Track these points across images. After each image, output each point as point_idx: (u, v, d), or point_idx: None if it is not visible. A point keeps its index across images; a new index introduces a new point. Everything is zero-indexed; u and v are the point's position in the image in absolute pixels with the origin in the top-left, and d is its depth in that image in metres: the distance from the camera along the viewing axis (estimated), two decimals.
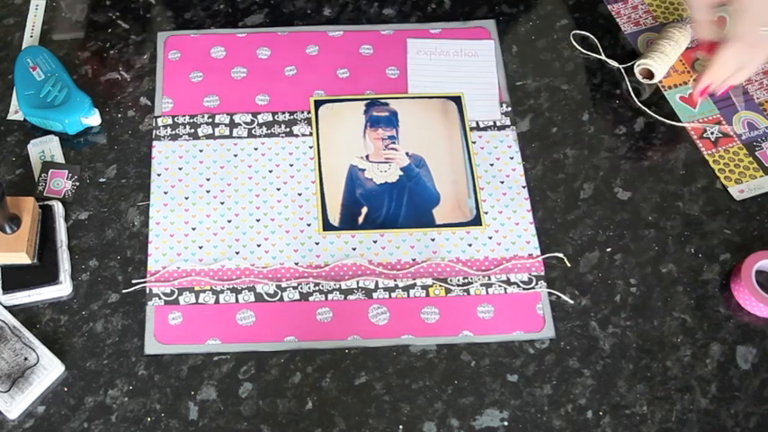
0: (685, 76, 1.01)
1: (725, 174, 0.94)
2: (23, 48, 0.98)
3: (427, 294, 0.86)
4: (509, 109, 0.97)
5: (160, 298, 0.84)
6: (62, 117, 0.90)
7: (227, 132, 0.94)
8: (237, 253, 0.87)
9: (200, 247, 0.87)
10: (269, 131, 0.95)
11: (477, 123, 0.96)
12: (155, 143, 0.93)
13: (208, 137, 0.94)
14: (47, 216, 0.85)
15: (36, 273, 0.83)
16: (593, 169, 0.94)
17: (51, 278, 0.82)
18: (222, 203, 0.90)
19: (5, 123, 0.94)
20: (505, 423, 0.79)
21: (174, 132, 0.94)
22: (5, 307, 0.82)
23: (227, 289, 0.85)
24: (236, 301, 0.84)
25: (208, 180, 0.91)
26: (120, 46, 1.00)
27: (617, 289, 0.87)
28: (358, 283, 0.86)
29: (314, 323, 0.83)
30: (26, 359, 0.79)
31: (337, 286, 0.85)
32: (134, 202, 0.89)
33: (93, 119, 0.92)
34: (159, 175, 0.91)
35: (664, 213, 0.91)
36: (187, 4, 1.03)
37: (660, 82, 1.00)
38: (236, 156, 0.93)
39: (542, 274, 0.87)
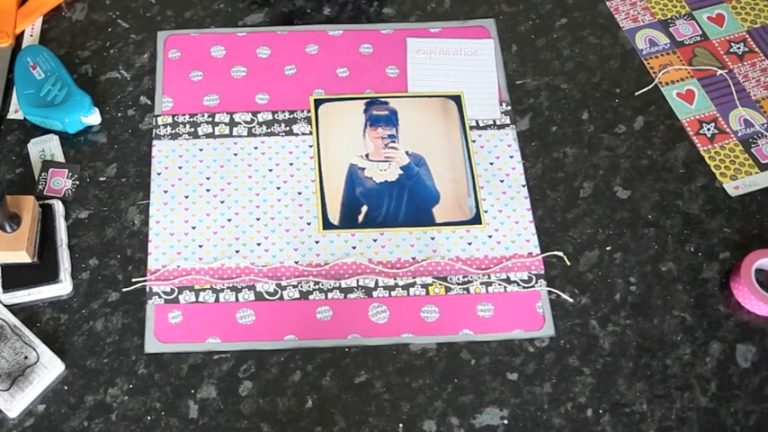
0: (683, 73, 1.01)
1: (720, 170, 0.94)
2: (23, 47, 0.98)
3: (427, 293, 0.86)
4: (509, 108, 0.97)
5: (160, 297, 0.84)
6: (62, 116, 0.90)
7: (226, 131, 0.94)
8: (237, 252, 0.87)
9: (200, 246, 0.87)
10: (269, 130, 0.95)
11: (477, 122, 0.96)
12: (155, 142, 0.93)
13: (208, 136, 0.94)
14: (47, 215, 0.85)
15: (36, 271, 0.83)
16: (593, 168, 0.94)
17: (51, 277, 0.82)
18: (222, 202, 0.90)
19: (5, 123, 0.94)
20: (505, 421, 0.79)
21: (174, 131, 0.94)
22: (6, 306, 0.82)
23: (227, 288, 0.85)
24: (236, 299, 0.84)
25: (208, 179, 0.91)
26: (119, 45, 1.00)
27: (617, 287, 0.87)
28: (358, 281, 0.86)
29: (314, 322, 0.84)
30: (26, 358, 0.79)
31: (337, 285, 0.86)
32: (134, 200, 0.89)
33: (93, 118, 0.92)
34: (159, 174, 0.91)
35: (663, 212, 0.91)
36: (187, 3, 1.03)
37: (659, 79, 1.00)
38: (235, 155, 0.93)
39: (542, 272, 0.87)
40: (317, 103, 0.97)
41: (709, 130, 0.97)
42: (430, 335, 0.83)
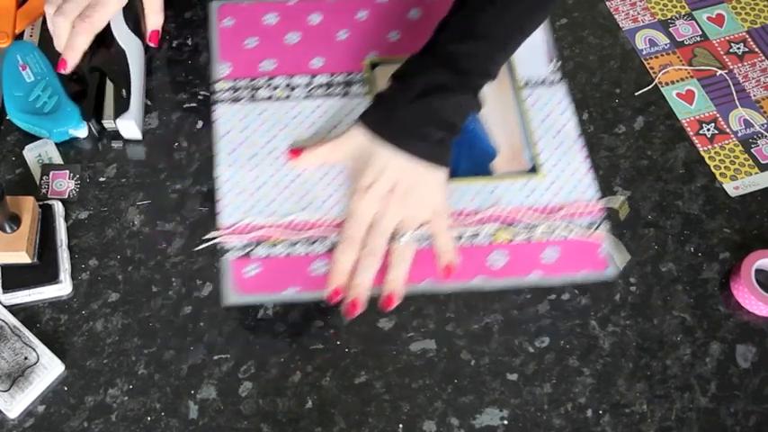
0: (683, 73, 1.01)
1: (720, 170, 0.94)
2: (13, 42, 0.95)
3: (493, 241, 0.88)
4: (559, 63, 1.00)
5: (235, 251, 0.86)
6: (50, 126, 0.89)
7: (285, 94, 0.97)
8: (307, 206, 0.89)
9: (271, 202, 0.88)
10: (327, 93, 0.97)
11: (528, 81, 0.99)
12: (216, 106, 0.95)
13: (267, 99, 0.96)
14: (47, 215, 0.85)
15: (36, 272, 0.83)
16: (593, 168, 0.94)
17: (51, 277, 0.82)
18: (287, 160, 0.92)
19: (5, 123, 0.93)
20: (505, 422, 0.79)
21: (234, 95, 0.96)
22: (5, 306, 0.82)
23: (300, 241, 0.86)
24: (310, 252, 0.86)
25: (272, 140, 0.93)
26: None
27: (617, 288, 0.87)
28: (426, 232, 0.88)
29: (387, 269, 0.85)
30: (26, 358, 0.79)
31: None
32: (134, 201, 0.89)
33: (82, 132, 0.91)
34: (223, 136, 0.93)
35: (663, 212, 0.91)
36: None
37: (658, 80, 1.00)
38: (295, 117, 0.95)
39: (603, 217, 0.90)
40: (372, 65, 0.99)
41: (708, 130, 0.97)
42: (500, 278, 0.86)
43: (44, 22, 1.01)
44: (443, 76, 0.84)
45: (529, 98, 0.97)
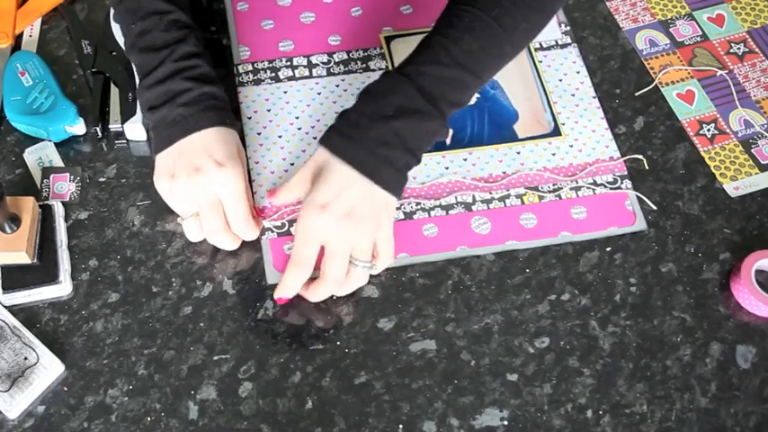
0: (683, 73, 1.01)
1: (720, 171, 0.94)
2: (15, 52, 0.96)
3: (522, 203, 0.90)
4: (568, 28, 1.02)
5: (273, 231, 0.87)
6: (46, 124, 0.89)
7: (306, 73, 0.98)
8: None
9: None
10: (346, 69, 0.98)
11: (540, 44, 1.01)
12: (240, 89, 0.96)
13: (289, 79, 0.97)
14: (47, 216, 0.85)
15: (36, 272, 0.83)
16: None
17: (51, 278, 0.82)
18: (315, 138, 0.93)
19: (4, 123, 0.93)
20: (505, 422, 0.79)
21: (255, 78, 0.97)
22: (5, 306, 0.82)
23: None
24: None
25: (297, 118, 0.95)
26: None
27: (617, 288, 0.87)
28: (456, 198, 0.90)
29: (422, 239, 0.88)
30: (26, 359, 0.79)
31: (438, 203, 0.90)
32: (134, 201, 0.89)
33: (78, 128, 0.91)
34: (250, 118, 0.94)
35: (663, 213, 0.91)
36: None
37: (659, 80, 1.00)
38: (319, 94, 0.96)
39: (626, 173, 0.93)
40: (388, 39, 1.00)
41: (709, 130, 0.97)
42: (531, 239, 0.88)
43: (44, 22, 1.01)
44: (416, 101, 0.79)
45: (544, 60, 1.00)
